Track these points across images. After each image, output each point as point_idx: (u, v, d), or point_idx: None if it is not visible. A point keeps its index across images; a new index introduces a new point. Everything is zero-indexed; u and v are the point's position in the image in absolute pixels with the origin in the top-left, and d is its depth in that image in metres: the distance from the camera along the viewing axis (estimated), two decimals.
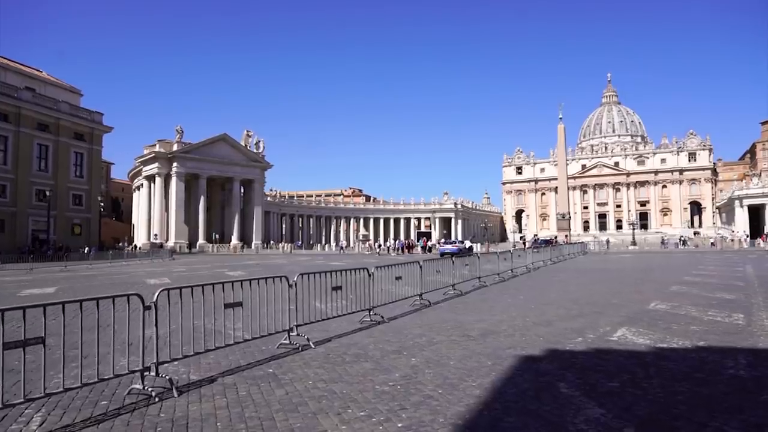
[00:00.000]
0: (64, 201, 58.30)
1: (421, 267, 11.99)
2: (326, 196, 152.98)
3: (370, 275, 9.75)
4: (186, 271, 29.06)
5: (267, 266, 34.40)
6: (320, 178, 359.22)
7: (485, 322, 9.79)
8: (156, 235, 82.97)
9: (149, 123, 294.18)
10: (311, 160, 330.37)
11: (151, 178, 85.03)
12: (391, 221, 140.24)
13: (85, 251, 51.28)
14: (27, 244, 52.12)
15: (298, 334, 7.75)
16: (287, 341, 7.62)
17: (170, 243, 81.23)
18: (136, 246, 69.81)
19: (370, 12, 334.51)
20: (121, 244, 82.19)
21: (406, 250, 58.69)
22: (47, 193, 51.34)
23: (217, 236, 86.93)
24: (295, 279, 7.75)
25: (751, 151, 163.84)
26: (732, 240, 59.44)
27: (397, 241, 62.50)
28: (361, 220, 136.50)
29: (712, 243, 65.82)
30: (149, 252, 57.97)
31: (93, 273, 28.88)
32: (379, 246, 59.36)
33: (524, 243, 63.02)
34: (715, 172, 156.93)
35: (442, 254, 46.16)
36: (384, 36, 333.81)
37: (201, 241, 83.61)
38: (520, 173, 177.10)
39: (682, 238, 76.10)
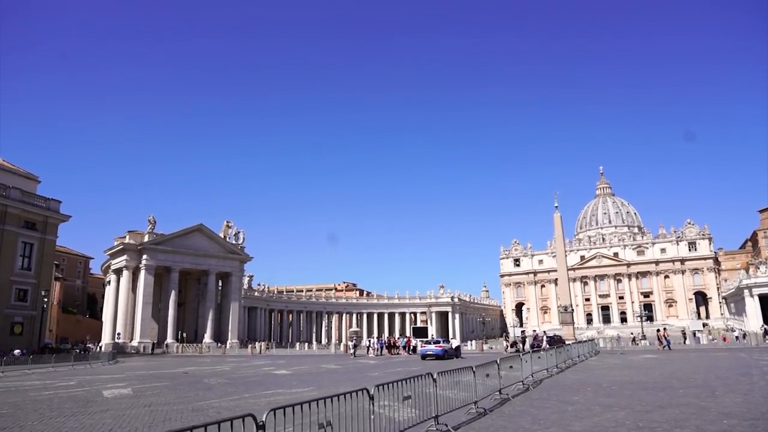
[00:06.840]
0: (4, 296, 51.94)
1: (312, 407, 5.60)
2: (317, 290, 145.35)
3: None
4: (63, 389, 22.01)
5: (194, 377, 27.09)
6: (315, 272, 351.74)
7: None
8: (119, 334, 75.18)
9: (132, 214, 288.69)
10: (305, 255, 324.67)
11: (119, 272, 78.74)
12: (386, 316, 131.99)
13: (14, 354, 43.97)
14: None
15: None
16: None
17: (135, 342, 73.32)
18: (85, 349, 61.80)
19: (361, 99, 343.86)
20: (88, 344, 74.08)
21: (386, 351, 50.79)
22: None
23: (185, 335, 78.89)
24: None
25: (753, 239, 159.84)
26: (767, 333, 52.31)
27: (373, 340, 54.56)
28: (355, 316, 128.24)
29: (736, 337, 58.63)
30: (98, 354, 50.75)
31: None
32: (355, 346, 51.44)
33: (523, 342, 54.45)
34: (717, 261, 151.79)
35: (424, 356, 38.65)
36: (377, 125, 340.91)
37: (169, 339, 75.63)
38: (518, 265, 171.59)
39: (696, 332, 69.25)
